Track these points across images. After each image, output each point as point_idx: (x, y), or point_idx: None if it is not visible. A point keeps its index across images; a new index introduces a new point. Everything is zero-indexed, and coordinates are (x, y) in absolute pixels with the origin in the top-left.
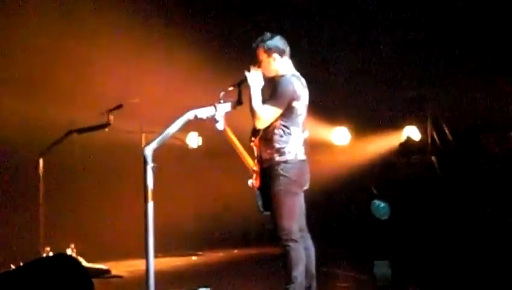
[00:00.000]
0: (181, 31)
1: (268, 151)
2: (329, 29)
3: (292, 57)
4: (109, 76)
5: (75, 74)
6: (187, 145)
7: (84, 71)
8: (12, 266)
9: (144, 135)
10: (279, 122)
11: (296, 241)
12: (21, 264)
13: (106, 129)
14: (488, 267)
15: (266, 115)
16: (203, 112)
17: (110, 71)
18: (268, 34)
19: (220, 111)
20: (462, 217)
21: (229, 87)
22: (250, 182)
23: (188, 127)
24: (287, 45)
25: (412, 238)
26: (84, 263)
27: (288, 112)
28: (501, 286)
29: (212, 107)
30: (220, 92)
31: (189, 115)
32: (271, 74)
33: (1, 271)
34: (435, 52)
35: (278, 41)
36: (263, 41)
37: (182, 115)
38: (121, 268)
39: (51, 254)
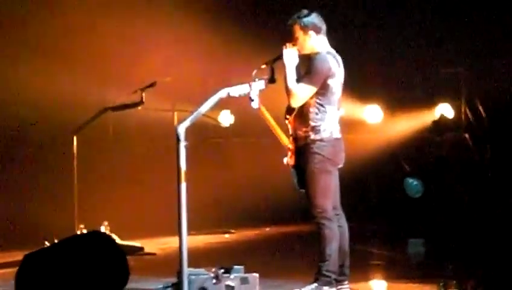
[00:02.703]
0: (216, 10)
1: (304, 129)
2: (364, 5)
3: (327, 34)
4: (143, 54)
5: (109, 52)
6: (219, 123)
7: (118, 49)
8: (47, 243)
9: (176, 113)
10: (314, 100)
11: (330, 219)
12: (55, 241)
13: (139, 107)
14: None
15: (301, 93)
16: (236, 90)
17: (144, 49)
18: (304, 11)
19: (255, 89)
20: (495, 194)
21: (262, 65)
22: (285, 160)
23: (220, 105)
24: (323, 22)
25: (445, 216)
26: (118, 241)
27: (323, 90)
28: None
29: (246, 85)
30: (253, 70)
31: (222, 93)
32: (306, 52)
33: (36, 248)
34: (469, 28)
35: (315, 18)
36: (299, 18)
37: (214, 93)
38: (154, 245)
39: (84, 231)
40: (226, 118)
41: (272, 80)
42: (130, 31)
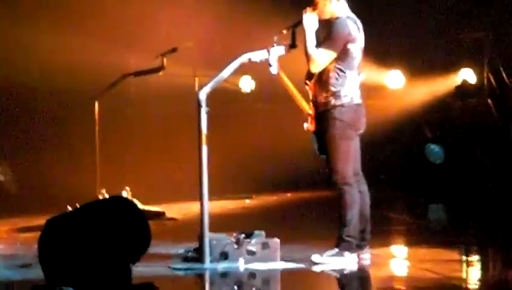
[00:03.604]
0: None
1: (324, 94)
2: None
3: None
4: (164, 19)
5: (130, 17)
6: (240, 89)
7: (139, 14)
8: (69, 208)
9: (197, 78)
10: (334, 65)
11: (350, 184)
12: (77, 206)
13: (160, 73)
14: None
15: (321, 58)
16: (257, 56)
17: (165, 14)
18: None
19: (273, 54)
20: None
21: (283, 30)
22: (305, 125)
23: (241, 70)
24: None
25: (467, 183)
26: (140, 206)
27: (343, 55)
28: None
29: (265, 51)
30: (274, 35)
31: (243, 59)
32: (326, 17)
33: (58, 213)
34: None
35: None
36: None
37: (235, 58)
38: (176, 211)
39: (106, 196)
40: (247, 84)
41: (292, 45)
42: None
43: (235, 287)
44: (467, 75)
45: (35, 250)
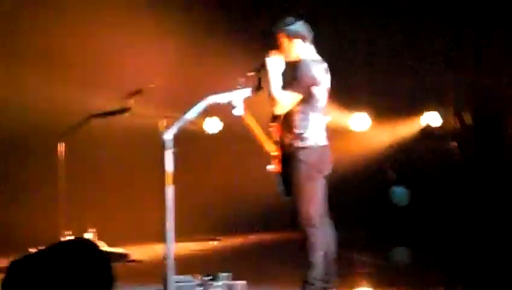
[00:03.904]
0: (202, 15)
1: (289, 137)
2: (350, 12)
3: (313, 42)
4: (130, 60)
5: (96, 58)
6: (204, 130)
7: (105, 56)
8: (31, 250)
9: (163, 120)
10: (299, 107)
11: (316, 227)
12: (38, 248)
13: (126, 114)
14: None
15: (285, 100)
16: (222, 98)
17: (131, 55)
18: (290, 19)
19: (238, 97)
20: (482, 203)
21: (249, 72)
22: (269, 167)
23: (209, 111)
24: (309, 30)
25: (432, 225)
26: (105, 247)
27: (307, 98)
28: None
29: (231, 93)
30: (240, 77)
31: (208, 101)
32: (291, 59)
33: (21, 254)
34: (456, 37)
35: (300, 26)
36: (285, 25)
37: (201, 99)
38: (141, 252)
39: (71, 237)
40: (213, 125)
41: (258, 88)
42: (117, 37)
43: None
44: (432, 117)
45: None
